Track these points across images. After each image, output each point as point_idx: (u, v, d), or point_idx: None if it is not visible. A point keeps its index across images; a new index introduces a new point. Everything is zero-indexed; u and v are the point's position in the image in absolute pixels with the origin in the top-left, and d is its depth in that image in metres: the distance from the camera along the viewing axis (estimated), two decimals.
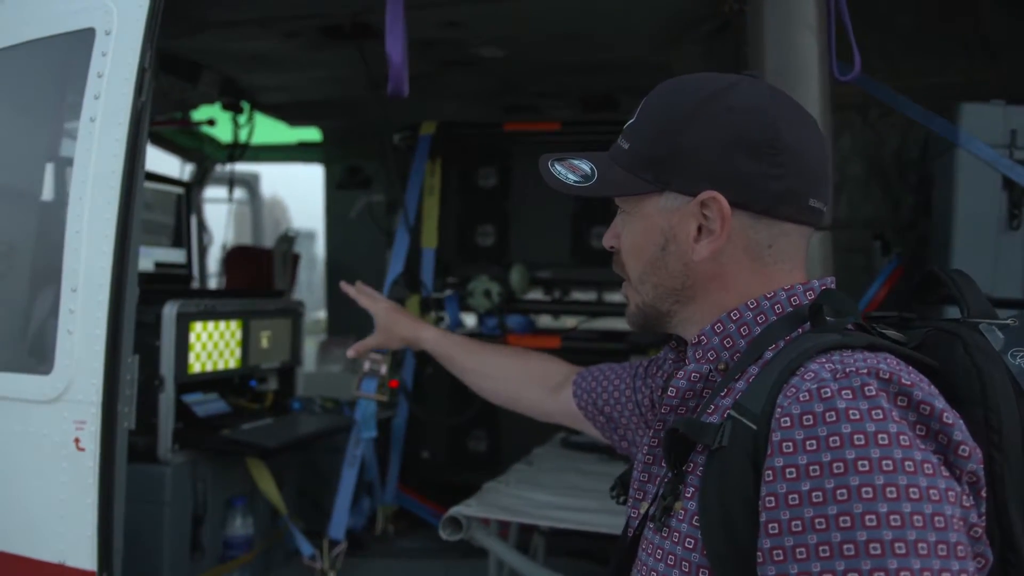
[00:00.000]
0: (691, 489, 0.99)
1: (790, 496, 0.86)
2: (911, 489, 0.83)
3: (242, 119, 3.77)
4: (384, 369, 3.05)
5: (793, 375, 0.93)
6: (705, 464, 0.97)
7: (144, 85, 1.79)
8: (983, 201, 2.03)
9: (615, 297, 4.27)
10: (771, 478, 0.88)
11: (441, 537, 1.89)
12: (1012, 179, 2.01)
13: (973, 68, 2.43)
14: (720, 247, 1.05)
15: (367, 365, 3.07)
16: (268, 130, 4.36)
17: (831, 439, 0.86)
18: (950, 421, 0.88)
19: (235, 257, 4.23)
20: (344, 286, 1.89)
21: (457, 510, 1.83)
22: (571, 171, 1.12)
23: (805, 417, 0.88)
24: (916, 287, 1.17)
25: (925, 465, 0.85)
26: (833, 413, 0.87)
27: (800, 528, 0.85)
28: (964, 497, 0.86)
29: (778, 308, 1.05)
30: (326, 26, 2.97)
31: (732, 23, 2.92)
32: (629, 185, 1.08)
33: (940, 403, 0.89)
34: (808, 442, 0.87)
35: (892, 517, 0.82)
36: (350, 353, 1.88)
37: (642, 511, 1.11)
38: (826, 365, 0.92)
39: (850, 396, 0.88)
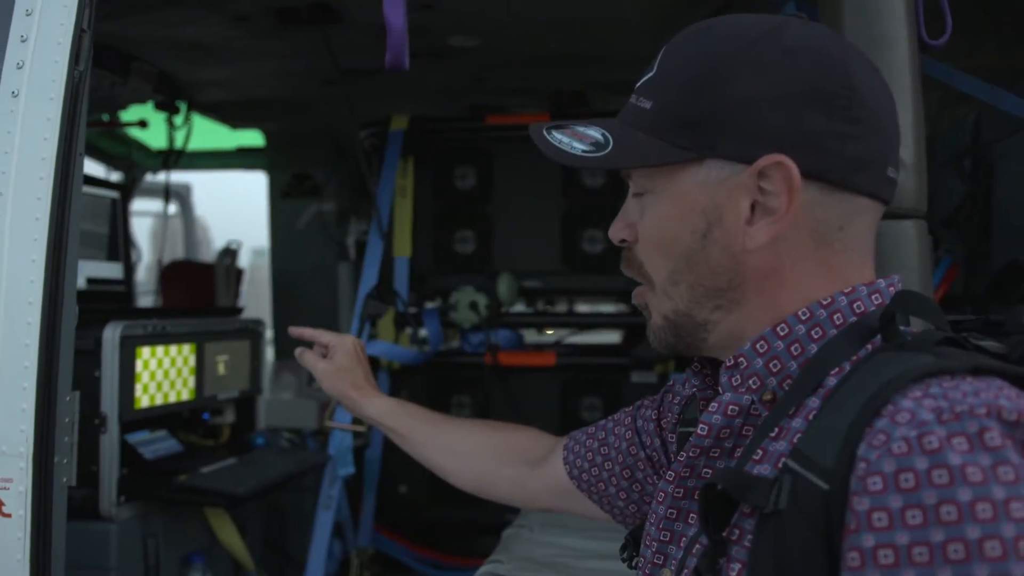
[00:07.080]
0: (736, 565, 0.74)
1: None
2: None
3: (178, 120, 3.37)
4: None
5: (878, 415, 0.68)
6: (756, 531, 0.72)
7: (83, 51, 1.43)
8: None
9: (611, 307, 4.01)
10: (857, 563, 0.64)
11: None
12: None
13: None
14: (783, 230, 0.80)
15: None
16: (200, 135, 3.96)
17: (943, 509, 0.61)
18: None
19: (173, 273, 3.81)
20: (295, 331, 1.51)
21: (489, 569, 1.50)
22: (576, 139, 0.86)
23: (903, 477, 0.63)
24: (995, 282, 0.91)
25: None
26: (944, 472, 0.62)
27: None
28: None
29: (838, 318, 0.80)
30: (280, 8, 2.63)
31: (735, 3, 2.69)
32: (657, 153, 0.81)
33: None
34: (909, 513, 0.62)
35: None
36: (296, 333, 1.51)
37: None
38: (925, 401, 0.66)
39: (965, 448, 0.63)
